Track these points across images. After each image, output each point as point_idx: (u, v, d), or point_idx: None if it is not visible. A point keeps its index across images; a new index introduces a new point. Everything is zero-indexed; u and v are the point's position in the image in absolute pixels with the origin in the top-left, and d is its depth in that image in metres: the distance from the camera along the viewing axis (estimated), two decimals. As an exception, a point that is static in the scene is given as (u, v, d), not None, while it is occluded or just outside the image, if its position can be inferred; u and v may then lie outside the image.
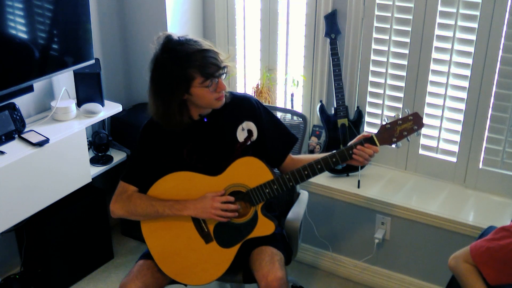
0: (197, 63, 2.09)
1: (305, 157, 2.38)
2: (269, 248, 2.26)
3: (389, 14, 2.79)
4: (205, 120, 2.27)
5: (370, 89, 2.96)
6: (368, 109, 3.00)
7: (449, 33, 2.69)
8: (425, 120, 2.87)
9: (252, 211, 2.26)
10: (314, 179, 2.56)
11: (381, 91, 2.94)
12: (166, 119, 2.19)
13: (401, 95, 2.90)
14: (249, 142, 2.30)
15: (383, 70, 2.89)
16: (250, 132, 2.31)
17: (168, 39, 2.13)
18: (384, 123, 2.17)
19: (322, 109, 2.99)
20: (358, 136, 2.21)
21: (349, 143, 2.21)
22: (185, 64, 2.09)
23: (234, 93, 2.35)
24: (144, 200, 2.26)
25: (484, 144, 2.78)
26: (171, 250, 2.30)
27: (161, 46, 2.13)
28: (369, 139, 2.17)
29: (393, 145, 2.18)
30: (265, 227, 2.26)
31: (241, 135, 2.30)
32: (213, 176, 2.25)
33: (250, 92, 3.26)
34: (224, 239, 2.27)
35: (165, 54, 2.12)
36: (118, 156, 3.12)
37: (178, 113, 2.18)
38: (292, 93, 3.14)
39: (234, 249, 2.27)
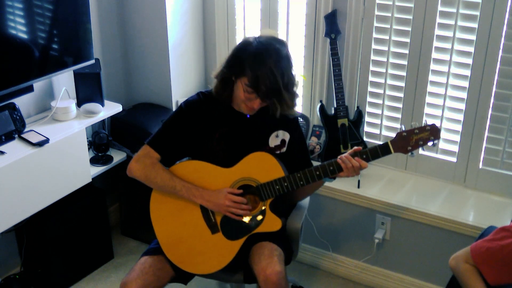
0: (258, 71, 2.11)
1: None
2: (269, 244, 2.27)
3: (389, 14, 2.79)
4: (248, 116, 2.30)
5: (370, 89, 2.96)
6: (368, 109, 3.00)
7: (449, 33, 2.69)
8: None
9: (260, 206, 2.27)
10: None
11: (381, 91, 2.94)
12: (216, 85, 2.29)
13: (401, 95, 2.90)
14: (278, 152, 2.33)
15: (383, 70, 2.89)
16: (283, 142, 2.34)
17: (275, 38, 2.23)
18: (400, 130, 2.15)
19: (322, 109, 2.98)
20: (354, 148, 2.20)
21: (363, 149, 2.20)
22: (253, 61, 2.13)
23: None
24: (166, 173, 2.28)
25: (484, 144, 2.78)
26: (177, 237, 2.32)
27: (265, 36, 2.21)
28: (384, 146, 2.15)
29: (408, 154, 2.16)
30: (272, 223, 2.27)
31: (273, 141, 2.33)
32: (225, 168, 2.27)
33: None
34: (231, 231, 2.29)
35: (258, 42, 2.17)
36: (118, 156, 3.12)
37: (221, 86, 2.25)
38: (292, 93, 3.13)
39: (239, 242, 2.28)
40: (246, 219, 2.28)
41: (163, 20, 3.11)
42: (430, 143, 2.15)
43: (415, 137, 2.13)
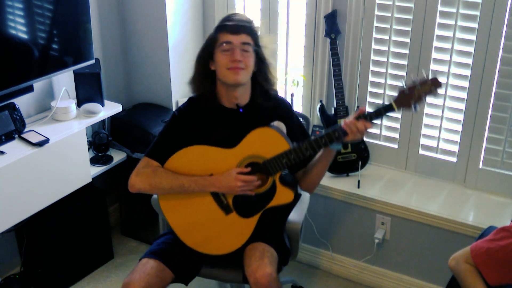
0: (225, 21, 2.21)
1: (316, 159, 2.37)
2: (261, 245, 2.27)
3: (389, 14, 2.79)
4: (241, 110, 2.30)
5: (370, 89, 2.96)
6: (368, 109, 2.99)
7: (449, 33, 2.69)
8: (425, 120, 2.88)
9: (270, 181, 2.26)
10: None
11: (381, 91, 2.94)
12: (195, 86, 2.33)
13: (401, 95, 2.89)
14: None
15: (383, 70, 2.89)
16: None
17: None
18: (402, 88, 2.11)
19: (322, 109, 2.98)
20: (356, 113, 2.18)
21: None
22: (216, 28, 2.24)
23: (276, 93, 2.41)
24: (169, 174, 2.27)
25: (484, 144, 2.78)
26: (192, 223, 2.33)
27: None
28: (387, 105, 2.13)
29: (412, 109, 2.12)
30: (284, 195, 2.27)
31: None
32: (228, 149, 2.26)
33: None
34: (244, 209, 2.29)
35: None
36: (118, 156, 3.12)
37: (202, 80, 2.29)
38: (292, 93, 3.14)
39: (254, 219, 2.29)
40: (258, 195, 2.26)
41: (163, 20, 3.11)
42: (432, 95, 2.11)
43: (417, 92, 2.09)
